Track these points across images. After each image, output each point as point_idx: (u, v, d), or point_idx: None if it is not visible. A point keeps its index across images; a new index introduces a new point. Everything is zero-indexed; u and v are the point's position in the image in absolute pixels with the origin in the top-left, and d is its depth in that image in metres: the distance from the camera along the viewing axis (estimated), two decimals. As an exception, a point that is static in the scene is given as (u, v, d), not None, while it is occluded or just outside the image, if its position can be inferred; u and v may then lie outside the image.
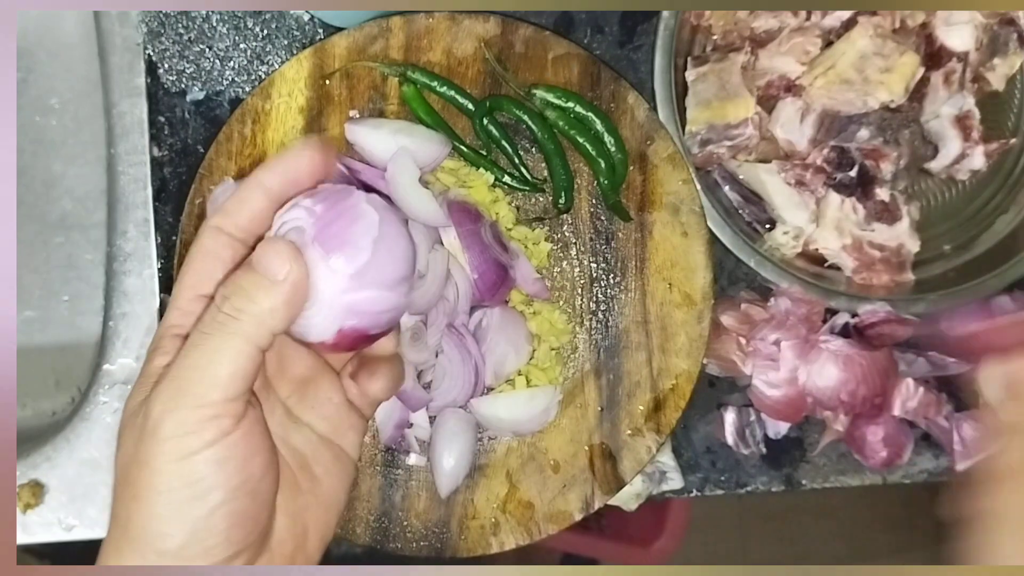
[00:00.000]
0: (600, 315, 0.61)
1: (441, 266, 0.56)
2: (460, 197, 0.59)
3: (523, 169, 0.61)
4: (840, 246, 0.64)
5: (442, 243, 0.57)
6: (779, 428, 0.66)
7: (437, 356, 0.58)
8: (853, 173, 0.62)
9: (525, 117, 0.59)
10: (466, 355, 0.57)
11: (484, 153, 0.61)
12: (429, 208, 0.56)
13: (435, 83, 0.59)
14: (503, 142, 0.60)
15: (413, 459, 0.60)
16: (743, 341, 0.63)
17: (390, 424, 0.58)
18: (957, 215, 0.69)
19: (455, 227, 0.56)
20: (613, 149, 0.60)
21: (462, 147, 0.60)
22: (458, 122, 0.61)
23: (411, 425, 0.60)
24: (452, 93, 0.59)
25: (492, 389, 0.60)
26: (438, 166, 0.60)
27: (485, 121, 0.60)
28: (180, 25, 0.62)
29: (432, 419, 0.60)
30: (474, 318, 0.59)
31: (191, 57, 0.63)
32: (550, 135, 0.60)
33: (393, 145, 0.57)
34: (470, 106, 0.60)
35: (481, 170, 0.60)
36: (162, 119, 0.62)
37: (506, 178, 0.61)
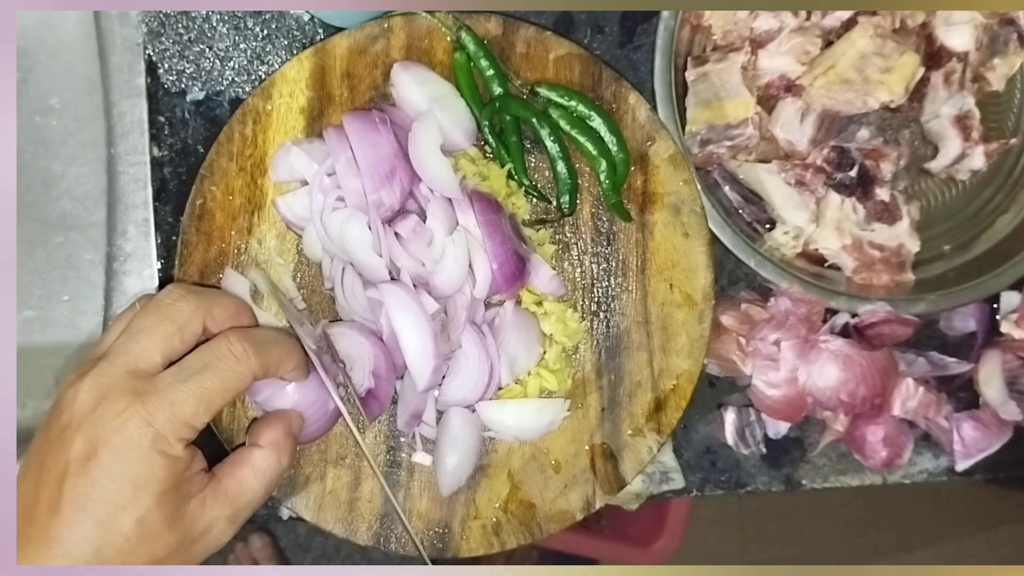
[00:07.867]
0: (601, 315, 0.61)
1: (461, 248, 0.55)
2: (480, 187, 0.59)
3: (526, 176, 0.61)
4: (840, 246, 0.64)
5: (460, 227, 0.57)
6: (779, 428, 0.66)
7: (454, 351, 0.57)
8: (853, 173, 0.62)
9: (532, 119, 0.59)
10: (483, 355, 0.57)
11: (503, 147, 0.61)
12: (447, 178, 0.56)
13: (482, 55, 0.59)
14: (513, 137, 0.60)
15: (419, 456, 0.60)
16: (743, 341, 0.63)
17: (407, 412, 0.58)
18: (957, 215, 0.70)
19: (476, 216, 0.56)
20: (615, 148, 0.60)
21: (490, 136, 0.60)
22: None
23: (420, 422, 0.59)
24: (492, 72, 0.59)
25: (500, 388, 0.59)
26: (461, 151, 0.60)
27: (493, 120, 0.60)
28: (180, 25, 0.62)
29: (439, 415, 0.59)
30: (487, 317, 0.59)
31: (191, 57, 0.62)
32: (556, 137, 0.60)
33: (426, 110, 0.57)
34: (498, 89, 0.59)
35: (499, 162, 0.60)
36: (162, 119, 0.62)
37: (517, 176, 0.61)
